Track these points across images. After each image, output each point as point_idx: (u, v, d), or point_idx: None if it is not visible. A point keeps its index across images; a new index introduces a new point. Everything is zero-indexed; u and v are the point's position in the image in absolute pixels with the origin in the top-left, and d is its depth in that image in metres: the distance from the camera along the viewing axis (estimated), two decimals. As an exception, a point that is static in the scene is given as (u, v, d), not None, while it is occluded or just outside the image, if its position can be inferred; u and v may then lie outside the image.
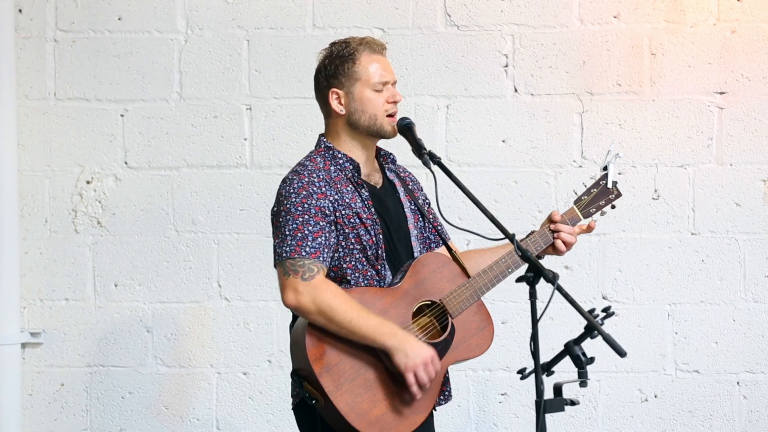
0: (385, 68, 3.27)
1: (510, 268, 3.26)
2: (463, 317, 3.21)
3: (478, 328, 3.26)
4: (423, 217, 3.38)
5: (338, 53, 3.25)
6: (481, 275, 3.24)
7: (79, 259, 4.71)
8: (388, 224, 3.25)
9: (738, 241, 4.57)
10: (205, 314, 4.68)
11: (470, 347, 3.24)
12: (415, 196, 3.39)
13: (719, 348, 4.57)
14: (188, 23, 4.70)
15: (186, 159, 4.69)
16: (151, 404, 4.70)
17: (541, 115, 4.61)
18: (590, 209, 3.36)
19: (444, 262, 3.26)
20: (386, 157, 3.37)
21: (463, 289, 3.21)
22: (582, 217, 3.36)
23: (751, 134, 4.56)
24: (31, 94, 4.72)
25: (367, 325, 3.06)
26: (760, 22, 4.56)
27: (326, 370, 3.04)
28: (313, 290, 3.06)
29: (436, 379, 3.15)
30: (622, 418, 4.60)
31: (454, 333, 3.20)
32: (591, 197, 3.37)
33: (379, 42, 3.29)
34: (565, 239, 3.31)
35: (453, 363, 3.22)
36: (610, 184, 3.38)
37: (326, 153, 3.26)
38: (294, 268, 3.08)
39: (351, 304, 3.07)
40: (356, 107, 3.23)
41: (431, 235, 3.41)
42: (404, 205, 3.34)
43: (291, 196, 3.14)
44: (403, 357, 3.07)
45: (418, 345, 3.09)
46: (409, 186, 3.41)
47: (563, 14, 4.61)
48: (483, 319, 3.27)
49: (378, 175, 3.33)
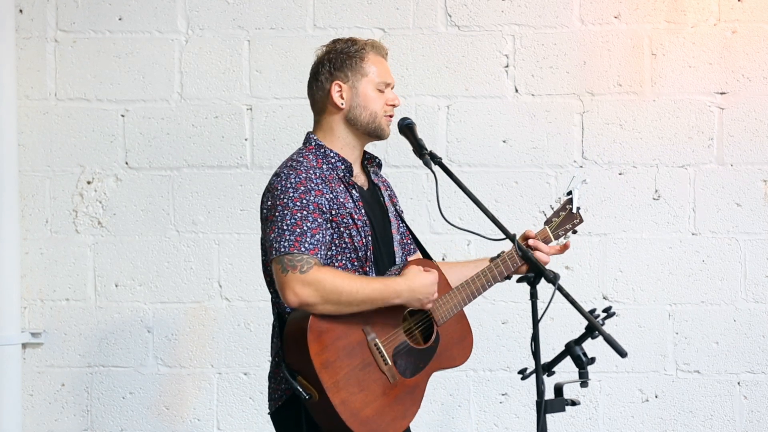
0: (388, 72, 3.30)
1: (490, 282, 3.31)
2: (447, 327, 3.24)
3: (459, 338, 3.30)
4: (403, 222, 3.41)
5: (345, 49, 3.26)
6: (465, 286, 3.27)
7: (79, 260, 4.71)
8: (375, 227, 3.26)
9: (739, 242, 4.57)
10: (206, 314, 4.68)
11: (451, 357, 3.28)
12: (393, 202, 3.41)
13: (720, 348, 4.57)
14: (189, 23, 4.70)
15: (187, 159, 4.69)
16: (152, 404, 4.70)
17: (541, 116, 4.61)
18: (559, 231, 3.42)
19: (432, 271, 3.27)
20: (371, 161, 3.37)
21: (448, 298, 3.24)
22: (552, 239, 3.41)
23: (752, 134, 4.56)
24: (32, 95, 4.73)
25: (373, 292, 3.09)
26: (761, 23, 4.56)
27: (326, 365, 3.04)
28: (313, 280, 3.04)
29: (420, 386, 3.19)
30: (623, 419, 4.60)
31: (439, 341, 3.22)
32: (560, 220, 3.44)
33: (384, 47, 3.33)
34: (540, 258, 3.32)
35: (434, 371, 3.24)
36: (575, 209, 3.42)
37: (317, 151, 3.25)
38: (292, 264, 3.05)
39: (351, 278, 3.09)
40: (358, 102, 3.24)
41: (409, 242, 3.44)
42: (389, 210, 3.35)
43: (288, 191, 3.12)
44: (418, 303, 3.15)
45: (422, 285, 3.14)
46: (388, 192, 3.42)
47: (564, 14, 4.61)
48: (464, 330, 3.32)
49: (363, 177, 3.33)
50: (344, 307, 3.06)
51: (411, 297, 3.13)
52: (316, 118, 3.32)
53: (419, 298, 3.14)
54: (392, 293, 3.11)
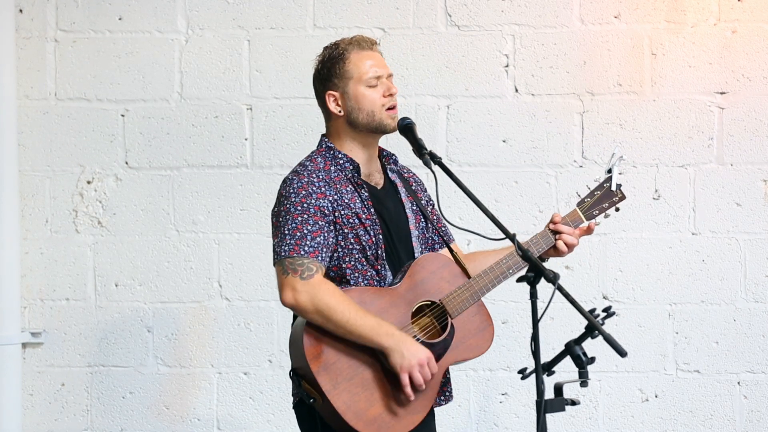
0: (377, 63, 3.26)
1: (511, 269, 3.26)
2: (463, 318, 3.21)
3: (478, 329, 3.26)
4: (425, 218, 3.38)
5: (329, 56, 3.26)
6: (482, 276, 3.24)
7: (79, 259, 4.71)
8: (388, 225, 3.25)
9: (739, 241, 4.57)
10: (206, 314, 4.69)
11: (469, 347, 3.24)
12: (418, 197, 3.38)
13: (720, 348, 4.57)
14: (189, 23, 4.70)
15: (187, 159, 4.70)
16: (152, 404, 4.70)
17: (541, 115, 4.61)
18: (593, 211, 3.37)
19: (444, 263, 3.26)
20: (388, 158, 3.37)
21: (462, 290, 3.22)
22: (584, 219, 3.37)
23: (752, 134, 4.56)
24: (32, 94, 4.73)
25: (364, 324, 3.07)
26: (761, 22, 4.56)
27: (324, 369, 3.04)
28: (312, 289, 3.07)
29: (434, 379, 3.15)
30: (623, 418, 4.60)
31: (454, 333, 3.20)
32: (594, 199, 3.37)
33: (368, 38, 3.30)
34: (567, 240, 3.31)
35: (452, 363, 3.22)
36: (614, 186, 3.38)
37: (327, 153, 3.26)
38: (293, 267, 3.08)
39: (349, 303, 3.08)
40: (353, 106, 3.23)
41: (434, 236, 3.41)
42: (405, 206, 3.33)
43: (291, 196, 3.15)
44: (399, 358, 3.07)
45: (415, 346, 3.09)
46: (413, 187, 3.40)
47: (564, 14, 4.61)
48: (483, 320, 3.28)
49: (379, 175, 3.33)
50: (332, 326, 3.06)
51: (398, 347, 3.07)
52: (326, 124, 3.34)
53: (404, 354, 3.07)
54: (379, 341, 3.07)
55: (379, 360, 3.11)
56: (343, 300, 3.07)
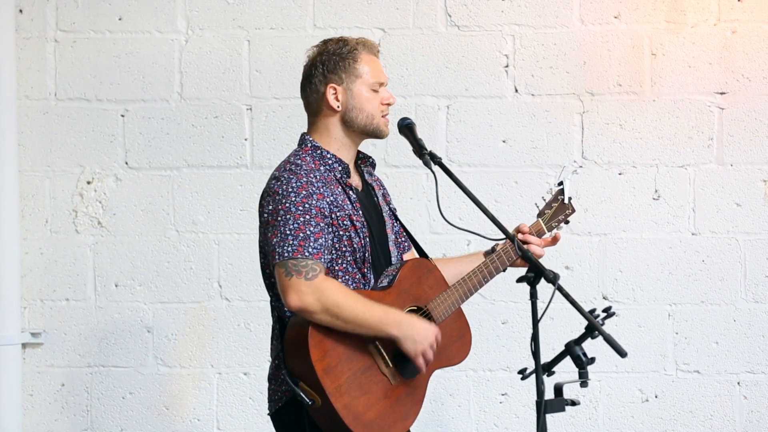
0: (381, 70, 3.27)
1: (487, 278, 3.30)
2: (445, 325, 3.23)
3: (458, 336, 3.29)
4: (398, 221, 3.40)
5: (337, 50, 3.23)
6: (462, 283, 3.26)
7: (79, 260, 4.71)
8: (371, 227, 3.25)
9: (738, 242, 4.57)
10: (206, 314, 4.69)
11: (450, 355, 3.27)
12: (387, 201, 3.40)
13: (720, 348, 4.58)
14: (189, 23, 4.70)
15: (186, 159, 4.70)
16: (152, 404, 4.70)
17: (541, 116, 4.61)
18: (552, 223, 3.43)
19: (429, 269, 3.27)
20: (365, 160, 3.36)
21: (446, 296, 3.23)
22: (546, 231, 3.42)
23: (752, 134, 4.57)
24: (32, 94, 4.73)
25: (372, 316, 3.07)
26: (761, 23, 4.56)
27: (327, 371, 3.04)
28: (317, 289, 3.04)
29: (423, 386, 3.18)
30: (623, 419, 4.60)
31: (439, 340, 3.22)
32: (553, 211, 3.45)
33: (375, 44, 3.30)
34: (535, 251, 3.32)
35: (434, 370, 3.24)
36: (567, 200, 3.42)
37: (314, 152, 3.22)
38: (297, 269, 3.05)
39: (355, 297, 3.07)
40: (354, 104, 3.22)
41: (404, 240, 3.43)
42: (383, 209, 3.34)
43: (290, 195, 3.10)
44: (412, 344, 3.10)
45: (423, 328, 3.12)
46: (381, 191, 3.40)
47: (564, 14, 4.61)
48: (462, 327, 3.31)
49: (357, 177, 3.32)
50: (341, 323, 3.05)
51: (409, 333, 3.10)
52: (310, 120, 3.28)
53: (416, 339, 3.10)
54: (388, 330, 3.08)
55: (376, 362, 3.11)
56: (349, 295, 3.07)
